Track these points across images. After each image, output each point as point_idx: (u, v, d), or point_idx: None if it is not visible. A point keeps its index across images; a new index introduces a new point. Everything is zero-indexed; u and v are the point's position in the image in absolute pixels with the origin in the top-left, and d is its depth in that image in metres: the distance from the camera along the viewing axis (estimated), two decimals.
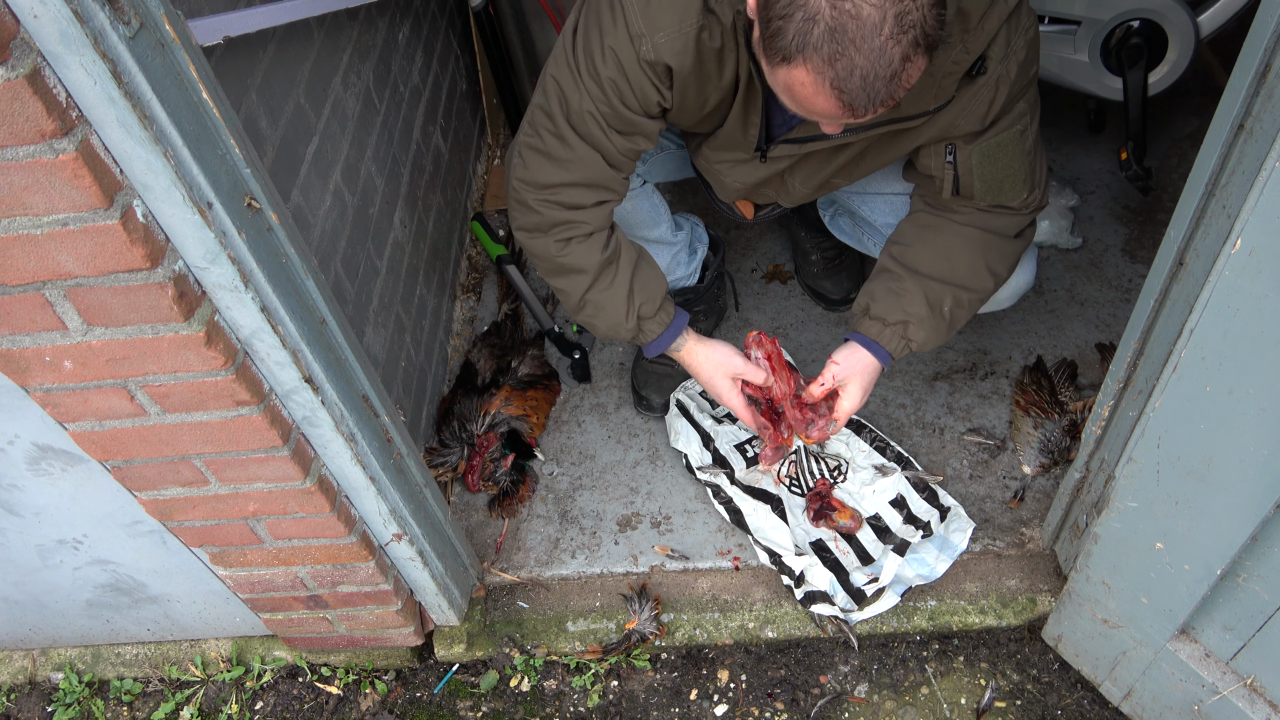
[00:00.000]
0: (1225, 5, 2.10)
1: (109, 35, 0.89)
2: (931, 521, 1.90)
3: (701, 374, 1.78)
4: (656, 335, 1.72)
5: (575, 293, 1.67)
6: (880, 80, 1.11)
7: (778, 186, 1.74)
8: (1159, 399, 1.25)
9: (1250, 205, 1.02)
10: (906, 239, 1.67)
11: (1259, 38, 1.00)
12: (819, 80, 1.13)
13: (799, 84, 1.15)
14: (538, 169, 1.56)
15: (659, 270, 1.72)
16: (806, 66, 1.12)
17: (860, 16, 1.06)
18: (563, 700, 1.88)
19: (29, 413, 1.32)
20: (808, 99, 1.17)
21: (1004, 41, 1.38)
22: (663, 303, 1.71)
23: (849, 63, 1.09)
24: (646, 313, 1.69)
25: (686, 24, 1.36)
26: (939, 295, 1.63)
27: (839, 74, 1.11)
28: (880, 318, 1.66)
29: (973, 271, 1.63)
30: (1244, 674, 1.45)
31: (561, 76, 1.47)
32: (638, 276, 1.67)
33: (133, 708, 1.99)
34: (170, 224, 1.05)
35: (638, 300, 1.67)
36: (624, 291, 1.66)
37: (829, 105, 1.16)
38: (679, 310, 1.75)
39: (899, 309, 1.64)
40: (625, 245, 1.67)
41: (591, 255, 1.62)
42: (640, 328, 1.70)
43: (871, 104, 1.14)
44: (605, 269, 1.64)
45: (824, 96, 1.15)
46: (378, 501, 1.53)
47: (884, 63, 1.09)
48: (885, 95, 1.14)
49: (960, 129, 1.48)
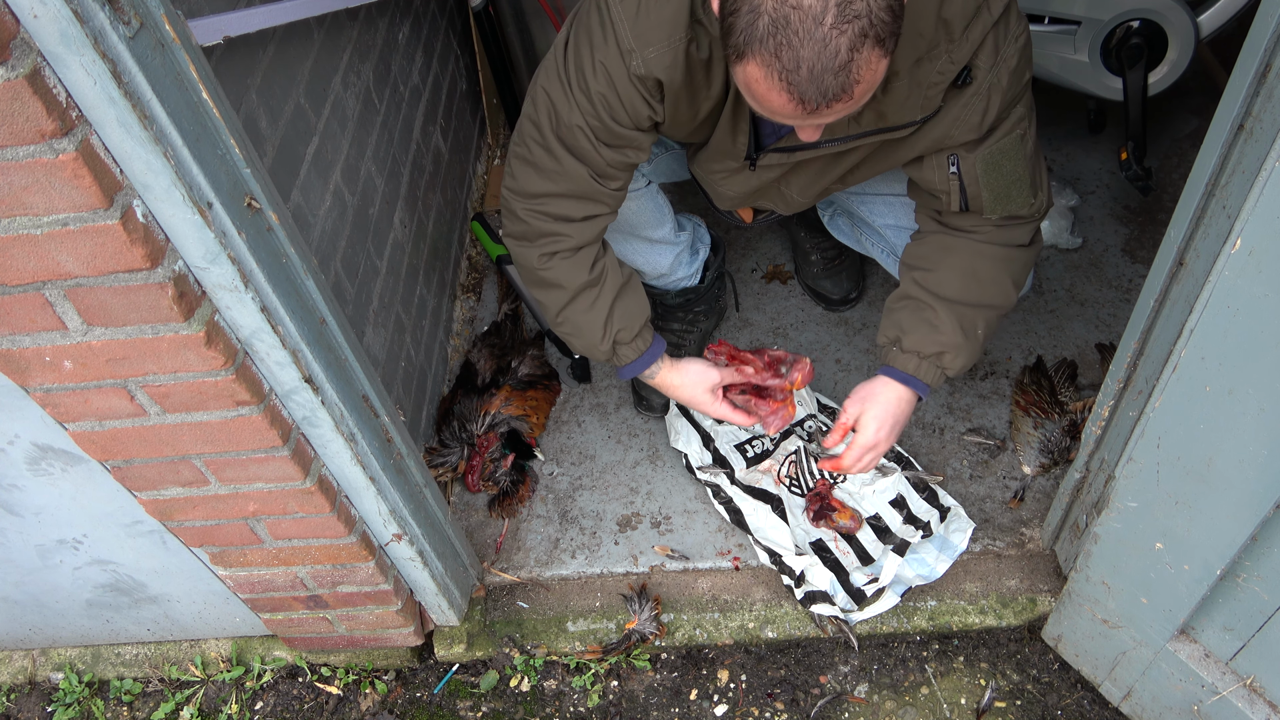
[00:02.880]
0: (1225, 5, 2.10)
1: (109, 35, 0.89)
2: (931, 521, 1.90)
3: (682, 394, 1.80)
4: (630, 361, 1.74)
5: (553, 308, 1.69)
6: (828, 72, 1.10)
7: (775, 197, 1.74)
8: (1159, 399, 1.25)
9: (1250, 205, 1.02)
10: (929, 263, 1.63)
11: (1259, 38, 1.00)
12: (768, 74, 1.12)
13: (753, 80, 1.15)
14: (525, 179, 1.57)
15: (644, 298, 1.73)
16: (756, 60, 1.12)
17: (802, 7, 1.06)
18: (563, 700, 1.88)
19: (29, 413, 1.32)
20: (763, 95, 1.17)
21: (991, 50, 1.37)
22: (641, 330, 1.72)
23: (794, 54, 1.09)
24: (623, 339, 1.71)
25: (675, 38, 1.36)
26: (972, 319, 1.60)
27: (785, 65, 1.10)
28: (915, 350, 1.62)
29: (999, 288, 1.61)
30: (1244, 674, 1.45)
31: (552, 89, 1.47)
32: (619, 302, 1.68)
33: (133, 708, 1.99)
34: (170, 224, 1.05)
35: (615, 326, 1.68)
36: (602, 316, 1.67)
37: (782, 100, 1.15)
38: (657, 338, 1.76)
39: (934, 341, 1.60)
40: (612, 270, 1.67)
41: (574, 274, 1.63)
42: (615, 352, 1.72)
43: (823, 97, 1.13)
44: (586, 290, 1.64)
45: (775, 91, 1.14)
46: (378, 501, 1.53)
47: (829, 53, 1.08)
48: (836, 88, 1.12)
49: (956, 139, 1.47)
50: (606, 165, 1.52)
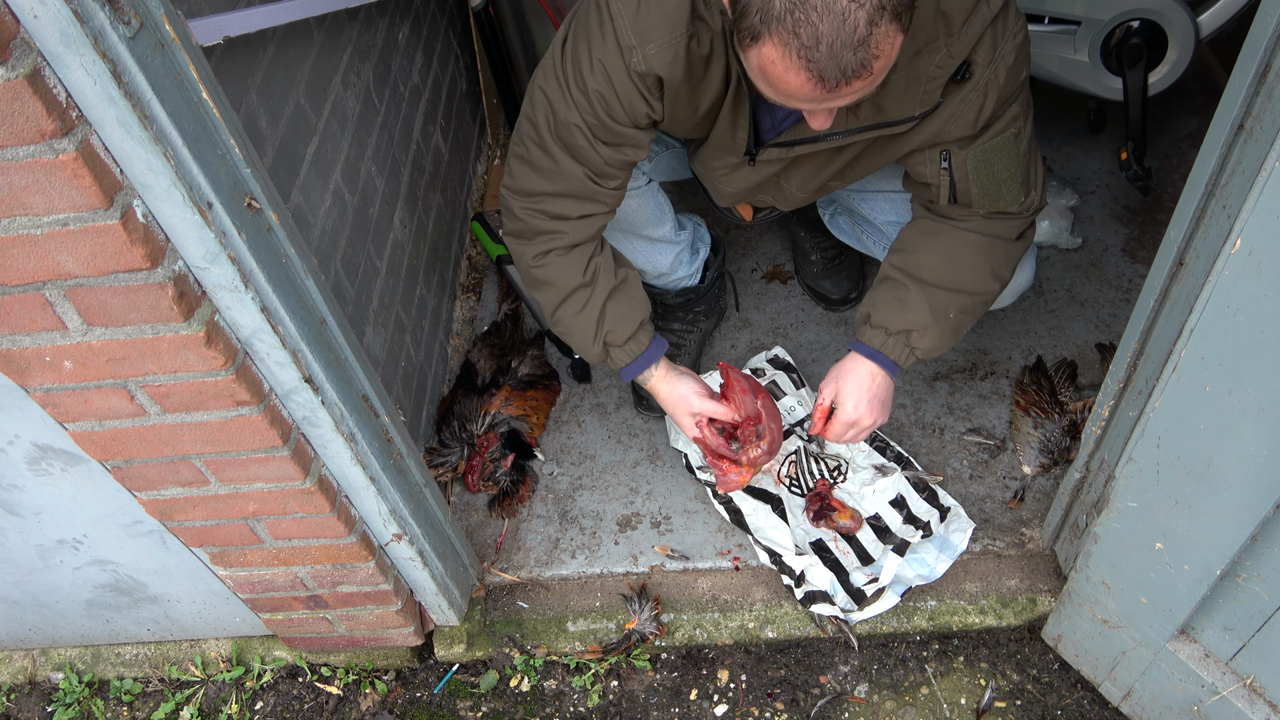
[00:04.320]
0: (1225, 5, 2.10)
1: (109, 35, 0.89)
2: (931, 521, 1.90)
3: (666, 407, 1.85)
4: (624, 365, 1.75)
5: (548, 307, 1.70)
6: (847, 47, 1.09)
7: (774, 192, 1.74)
8: (1159, 399, 1.25)
9: (1250, 205, 1.02)
10: (909, 246, 1.65)
11: (1259, 38, 1.00)
12: (786, 52, 1.11)
13: (769, 62, 1.14)
14: (523, 178, 1.58)
15: (640, 299, 1.73)
16: (773, 40, 1.11)
17: None
18: (563, 700, 1.88)
19: (29, 413, 1.32)
20: (779, 78, 1.16)
21: (990, 46, 1.37)
22: (635, 333, 1.72)
23: (813, 30, 1.08)
24: (614, 340, 1.71)
25: (677, 33, 1.36)
26: (944, 302, 1.61)
27: (804, 42, 1.09)
28: (882, 326, 1.64)
29: (977, 276, 1.62)
30: (1243, 674, 1.45)
31: (549, 88, 1.47)
32: (611, 304, 1.68)
33: (133, 708, 1.99)
34: (170, 224, 1.05)
35: (606, 328, 1.69)
36: (593, 318, 1.68)
37: (800, 80, 1.14)
38: (656, 340, 1.77)
39: (902, 318, 1.62)
40: (604, 272, 1.67)
41: (567, 274, 1.63)
42: (608, 354, 1.73)
43: (843, 74, 1.12)
44: (577, 291, 1.65)
45: (794, 71, 1.13)
46: (378, 501, 1.53)
47: (848, 27, 1.08)
48: (856, 64, 1.11)
49: (951, 134, 1.47)
50: (604, 164, 1.52)
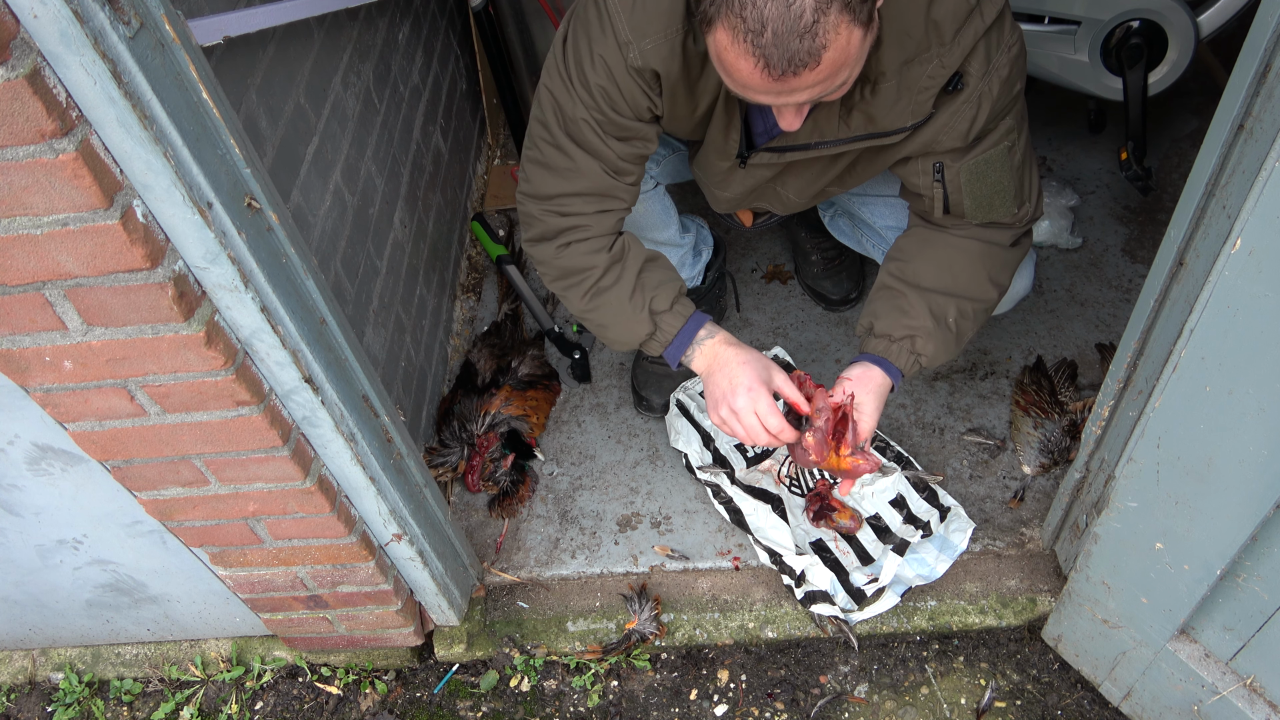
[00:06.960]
0: (1225, 5, 2.10)
1: (109, 35, 0.89)
2: (931, 521, 1.90)
3: (741, 369, 1.53)
4: (676, 331, 1.58)
5: (577, 297, 1.60)
6: (793, 34, 1.09)
7: (772, 198, 1.73)
8: (1159, 399, 1.25)
9: (1250, 205, 1.02)
10: (905, 254, 1.64)
11: (1259, 38, 1.00)
12: (735, 37, 1.12)
13: (722, 48, 1.15)
14: (540, 181, 1.55)
15: (674, 271, 1.64)
16: (723, 24, 1.12)
17: None
18: (563, 700, 1.88)
19: (29, 413, 1.32)
20: (732, 65, 1.17)
21: (984, 57, 1.37)
22: (678, 296, 1.60)
23: (759, 14, 1.09)
24: (659, 306, 1.56)
25: (672, 30, 1.36)
26: (943, 307, 1.60)
27: (750, 26, 1.10)
28: (886, 334, 1.61)
29: (974, 282, 1.61)
30: (1244, 674, 1.45)
31: (554, 86, 1.47)
32: (647, 273, 1.58)
33: (133, 708, 1.99)
34: (170, 224, 1.05)
35: (648, 294, 1.56)
36: (629, 287, 1.56)
37: (748, 67, 1.14)
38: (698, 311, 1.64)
39: (903, 324, 1.60)
40: (634, 245, 1.60)
41: (595, 257, 1.57)
42: (655, 324, 1.57)
43: (790, 64, 1.12)
44: (610, 269, 1.57)
45: (742, 57, 1.14)
46: (378, 501, 1.53)
47: (794, 13, 1.08)
48: (803, 53, 1.11)
49: (944, 145, 1.47)
50: (618, 159, 1.51)
